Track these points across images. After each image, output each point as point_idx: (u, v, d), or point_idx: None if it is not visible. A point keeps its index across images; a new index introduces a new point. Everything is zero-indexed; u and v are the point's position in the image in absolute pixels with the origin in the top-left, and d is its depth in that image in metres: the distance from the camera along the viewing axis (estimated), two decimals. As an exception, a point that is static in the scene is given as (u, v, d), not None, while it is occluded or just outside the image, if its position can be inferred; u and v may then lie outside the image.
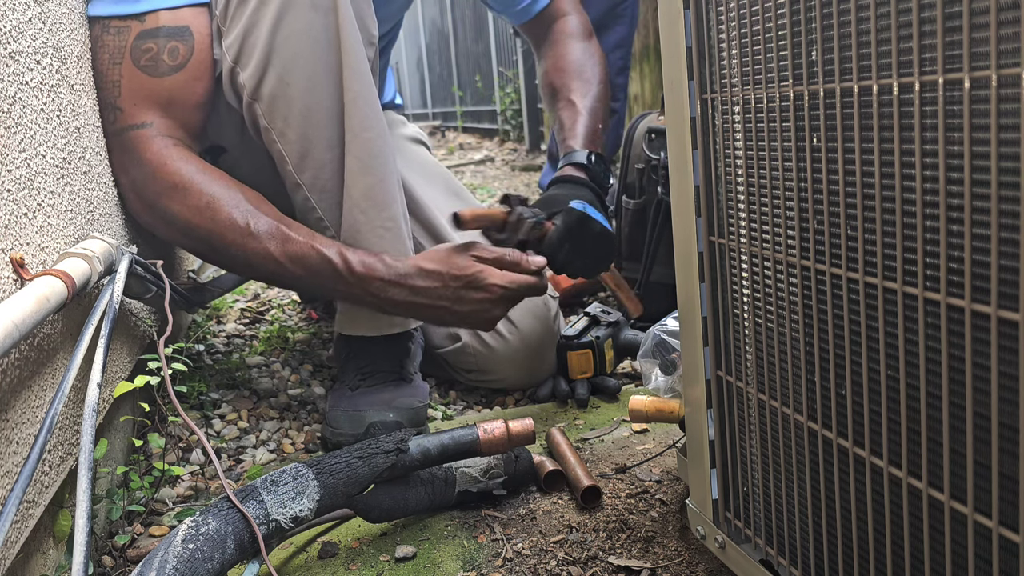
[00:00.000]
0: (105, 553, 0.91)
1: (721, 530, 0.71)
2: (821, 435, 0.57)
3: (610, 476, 0.99)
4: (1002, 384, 0.42)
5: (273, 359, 1.51)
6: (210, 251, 1.08)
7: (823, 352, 0.55)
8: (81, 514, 0.66)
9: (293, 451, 1.17)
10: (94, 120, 1.03)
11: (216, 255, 1.08)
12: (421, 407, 1.16)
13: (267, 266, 1.04)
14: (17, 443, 0.70)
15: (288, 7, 1.02)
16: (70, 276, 0.76)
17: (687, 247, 0.68)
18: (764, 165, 0.58)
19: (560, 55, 1.40)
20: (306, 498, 0.81)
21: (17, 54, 0.80)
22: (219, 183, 1.05)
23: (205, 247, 1.07)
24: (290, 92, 1.05)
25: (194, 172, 1.05)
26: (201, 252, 1.12)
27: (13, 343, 0.62)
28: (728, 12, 0.59)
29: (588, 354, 1.26)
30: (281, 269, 1.04)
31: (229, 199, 1.04)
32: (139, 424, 1.07)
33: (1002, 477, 0.43)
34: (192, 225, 1.04)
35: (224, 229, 1.03)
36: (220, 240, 1.04)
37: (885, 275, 0.49)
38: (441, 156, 5.28)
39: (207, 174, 1.05)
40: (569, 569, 0.82)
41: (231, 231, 1.03)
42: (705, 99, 0.64)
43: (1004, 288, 0.41)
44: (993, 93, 0.40)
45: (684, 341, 0.72)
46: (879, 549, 0.53)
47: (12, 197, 0.74)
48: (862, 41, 0.47)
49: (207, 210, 1.03)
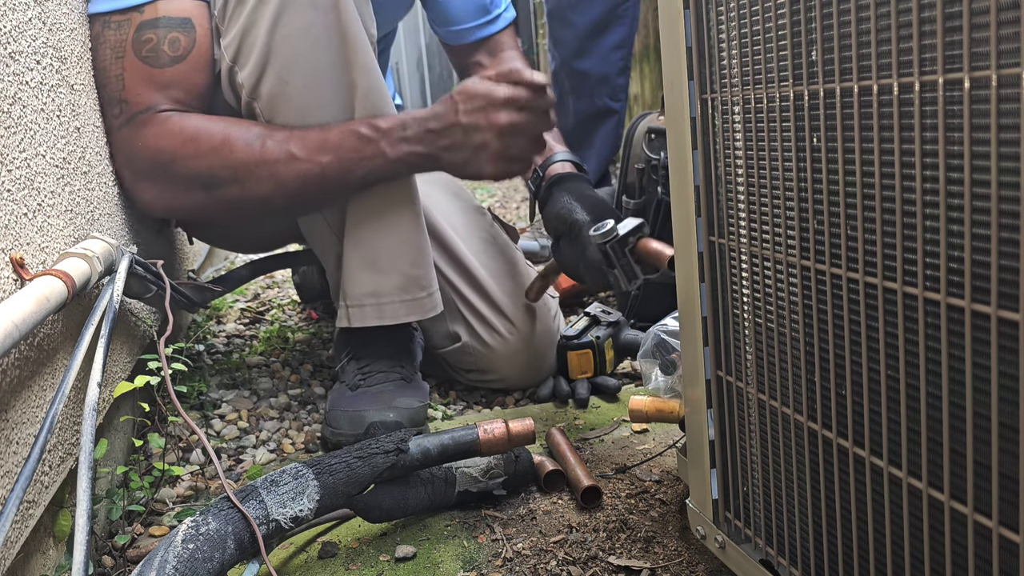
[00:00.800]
0: (105, 553, 0.91)
1: (721, 530, 0.71)
2: (821, 435, 0.57)
3: (610, 476, 0.99)
4: (1002, 384, 0.42)
5: (273, 359, 1.51)
6: (237, 191, 1.06)
7: (823, 352, 0.55)
8: (81, 514, 0.66)
9: (293, 451, 1.17)
10: (94, 120, 1.03)
11: (243, 192, 1.07)
12: (421, 407, 1.16)
13: (294, 170, 1.04)
14: (17, 443, 0.70)
15: (287, 6, 1.02)
16: (70, 276, 0.76)
17: (687, 247, 0.68)
18: (764, 165, 0.58)
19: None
20: (306, 498, 0.81)
21: (17, 54, 0.80)
22: (226, 121, 1.06)
23: (231, 189, 1.06)
24: (289, 91, 1.05)
25: (200, 121, 1.06)
26: (227, 202, 1.09)
27: (13, 343, 0.62)
28: (728, 12, 0.59)
29: (588, 354, 1.26)
30: (307, 166, 1.04)
31: (239, 129, 1.05)
32: (139, 424, 1.07)
33: (1002, 477, 0.43)
34: (214, 169, 1.05)
35: (243, 156, 1.04)
36: (244, 169, 1.04)
37: (885, 275, 0.49)
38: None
39: (212, 120, 1.07)
40: (569, 569, 0.82)
41: (250, 154, 1.04)
42: (705, 99, 0.64)
43: (1004, 288, 0.41)
44: (993, 93, 0.40)
45: (684, 341, 0.72)
46: (879, 549, 0.53)
47: (12, 197, 0.74)
48: (862, 41, 0.47)
49: (222, 147, 1.04)
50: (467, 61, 1.43)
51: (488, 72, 1.05)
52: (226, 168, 1.04)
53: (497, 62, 1.24)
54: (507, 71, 1.03)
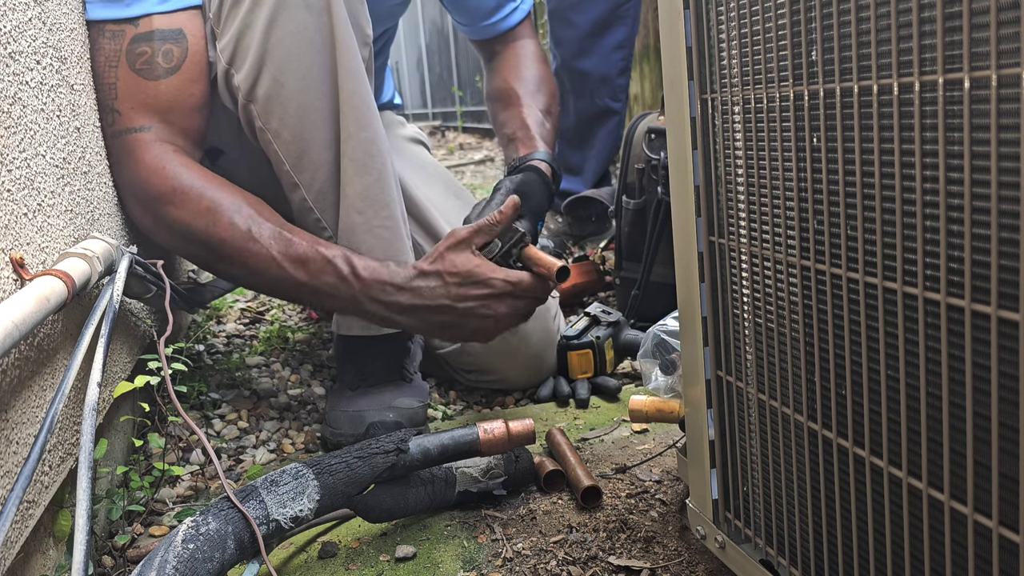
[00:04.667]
0: (105, 553, 0.91)
1: (721, 530, 0.71)
2: (821, 435, 0.57)
3: (610, 476, 0.99)
4: (1002, 384, 0.42)
5: (273, 359, 1.51)
6: (210, 257, 1.06)
7: (823, 352, 0.55)
8: (81, 514, 0.66)
9: (293, 451, 1.17)
10: (94, 120, 1.03)
11: (217, 261, 1.07)
12: (421, 407, 1.16)
13: (269, 271, 1.03)
14: (17, 443, 0.70)
15: (281, 8, 1.02)
16: (70, 276, 0.76)
17: (687, 247, 0.68)
18: (764, 165, 0.58)
19: (519, 66, 1.42)
20: (306, 498, 0.81)
21: (17, 54, 0.80)
22: (219, 188, 1.04)
23: (205, 253, 1.05)
24: (284, 93, 1.05)
25: (193, 177, 1.04)
26: (201, 258, 1.11)
27: (13, 343, 0.62)
28: (728, 12, 0.59)
29: (588, 354, 1.26)
30: (283, 273, 1.02)
31: (230, 204, 1.03)
32: (139, 424, 1.07)
33: (1002, 477, 0.43)
34: (192, 230, 1.03)
35: (225, 233, 1.02)
36: (220, 245, 1.03)
37: (885, 275, 0.49)
38: (441, 156, 5.28)
39: (207, 179, 1.05)
40: (569, 569, 0.82)
41: (232, 235, 1.02)
42: (705, 99, 0.64)
43: (1004, 288, 0.41)
44: (993, 93, 0.39)
45: (684, 341, 0.72)
46: (879, 549, 0.53)
47: (12, 197, 0.74)
48: (862, 41, 0.47)
49: (207, 215, 1.02)
50: (488, 51, 1.48)
51: (475, 226, 1.04)
52: (204, 234, 1.03)
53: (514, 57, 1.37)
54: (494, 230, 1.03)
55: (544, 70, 1.43)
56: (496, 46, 1.47)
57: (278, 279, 1.03)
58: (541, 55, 1.46)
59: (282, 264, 1.02)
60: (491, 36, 1.46)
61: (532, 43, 1.46)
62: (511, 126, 1.33)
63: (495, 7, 1.43)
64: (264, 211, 1.05)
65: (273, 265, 1.02)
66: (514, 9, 1.45)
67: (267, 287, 1.11)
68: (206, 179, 1.05)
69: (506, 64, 1.43)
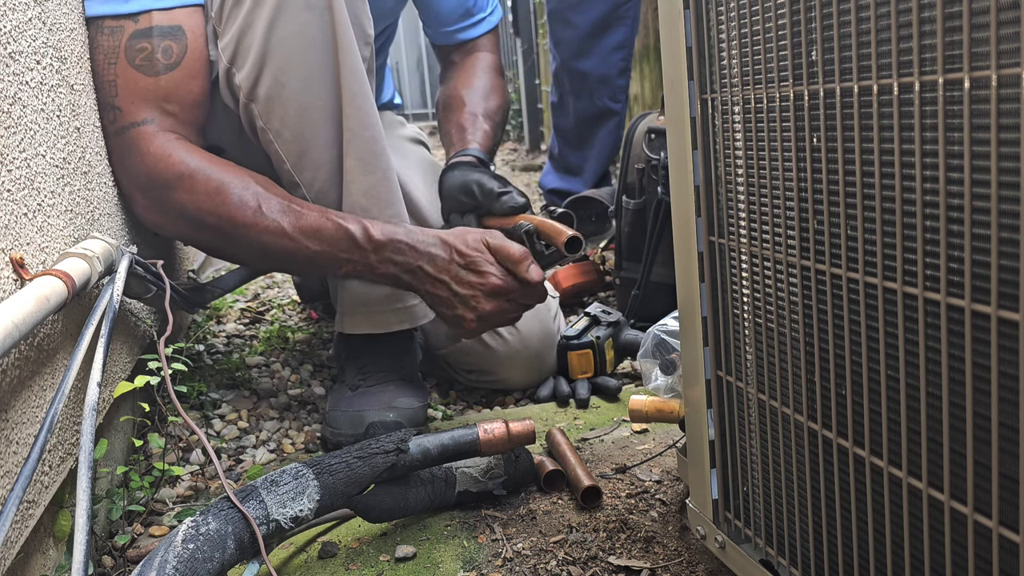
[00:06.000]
0: (105, 553, 0.91)
1: (721, 530, 0.71)
2: (821, 435, 0.57)
3: (610, 476, 0.99)
4: (1002, 384, 0.42)
5: (273, 359, 1.51)
6: (221, 240, 1.06)
7: (823, 352, 0.55)
8: (81, 514, 0.66)
9: (293, 451, 1.17)
10: (94, 120, 1.03)
11: (227, 243, 1.07)
12: (421, 407, 1.16)
13: (280, 244, 1.03)
14: (17, 443, 0.70)
15: (283, 8, 1.02)
16: (70, 276, 0.76)
17: (687, 247, 0.68)
18: (764, 165, 0.58)
19: (472, 76, 1.43)
20: (306, 498, 0.81)
21: (17, 54, 0.80)
22: (226, 169, 1.05)
23: (216, 236, 1.06)
24: (285, 92, 1.05)
25: (200, 161, 1.04)
26: (212, 243, 1.10)
27: (13, 343, 0.62)
28: (728, 12, 0.59)
29: (588, 354, 1.26)
30: (295, 246, 1.03)
31: (238, 183, 1.04)
32: (139, 424, 1.07)
33: (1002, 477, 0.43)
34: (202, 213, 1.03)
35: (235, 212, 1.02)
36: (231, 224, 1.03)
37: (885, 275, 0.49)
38: (441, 156, 5.26)
39: (213, 162, 1.05)
40: (569, 569, 0.82)
41: (242, 213, 1.02)
42: (705, 99, 0.64)
43: (1004, 288, 0.41)
44: (993, 93, 0.39)
45: (684, 341, 0.72)
46: (879, 549, 0.53)
47: (12, 197, 0.74)
48: (862, 41, 0.47)
49: (216, 195, 1.03)
50: (446, 60, 1.50)
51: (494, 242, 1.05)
52: (214, 216, 1.03)
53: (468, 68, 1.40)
54: (509, 255, 1.04)
55: (497, 81, 1.44)
56: (455, 55, 1.47)
57: (290, 253, 1.04)
58: (498, 68, 1.46)
59: (293, 236, 1.03)
60: (451, 43, 1.47)
61: (491, 56, 1.46)
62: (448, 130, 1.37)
63: (461, 15, 1.44)
64: (272, 187, 1.06)
65: (284, 238, 1.03)
66: (479, 21, 1.45)
67: (279, 263, 1.12)
68: (212, 162, 1.05)
69: (459, 74, 1.44)
